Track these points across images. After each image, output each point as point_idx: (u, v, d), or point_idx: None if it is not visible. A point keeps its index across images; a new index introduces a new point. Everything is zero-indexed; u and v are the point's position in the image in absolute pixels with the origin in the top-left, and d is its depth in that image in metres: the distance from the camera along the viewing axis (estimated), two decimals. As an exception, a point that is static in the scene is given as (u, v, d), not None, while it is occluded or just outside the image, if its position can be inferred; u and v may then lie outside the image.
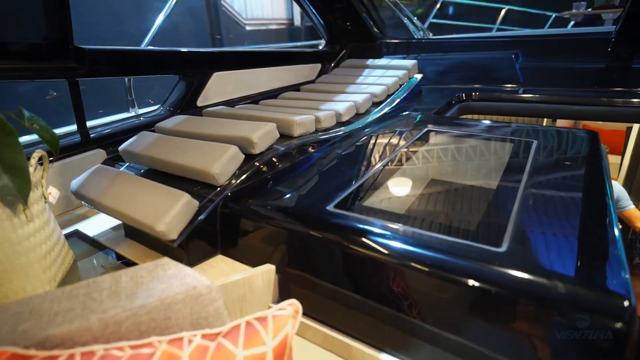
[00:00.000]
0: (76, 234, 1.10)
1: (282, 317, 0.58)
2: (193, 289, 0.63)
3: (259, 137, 1.10)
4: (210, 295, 0.64)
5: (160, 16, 2.01)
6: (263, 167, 1.09)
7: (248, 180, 1.02)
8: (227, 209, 0.97)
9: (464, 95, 2.11)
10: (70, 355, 0.50)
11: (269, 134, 1.15)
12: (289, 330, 0.57)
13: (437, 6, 5.06)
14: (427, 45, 2.58)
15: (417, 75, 2.17)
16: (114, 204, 0.93)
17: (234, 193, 0.99)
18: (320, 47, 2.61)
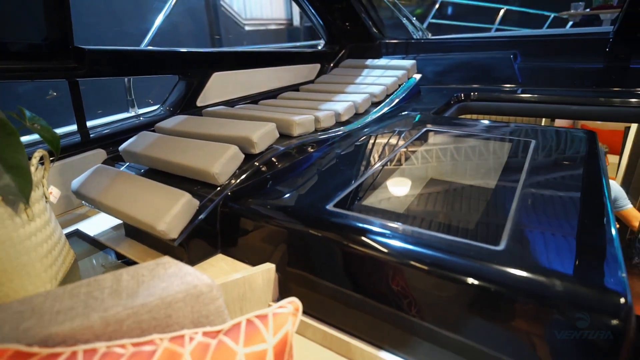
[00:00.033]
0: (77, 233, 1.10)
1: (283, 314, 0.58)
2: (194, 288, 0.63)
3: (258, 136, 1.11)
4: (211, 294, 0.65)
5: (160, 16, 2.02)
6: (263, 167, 1.09)
7: (248, 180, 1.03)
8: (227, 208, 0.97)
9: (462, 95, 2.11)
10: (73, 352, 0.50)
11: (269, 134, 1.15)
12: (289, 327, 0.58)
13: (436, 6, 5.07)
14: (426, 45, 2.58)
15: (416, 76, 2.17)
16: (115, 203, 0.94)
17: (234, 192, 0.99)
18: (320, 47, 2.62)
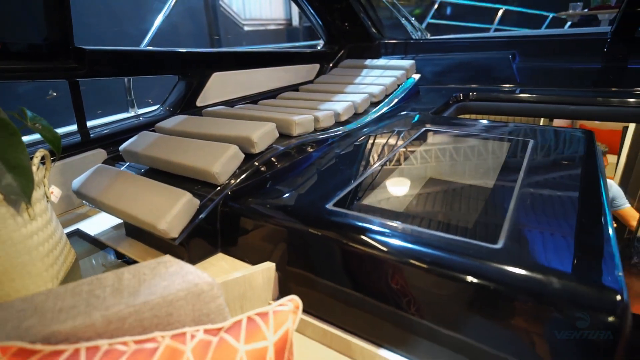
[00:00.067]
0: (77, 233, 1.10)
1: (283, 312, 0.59)
2: (195, 286, 0.64)
3: (258, 136, 1.11)
4: (211, 292, 0.65)
5: (160, 17, 2.02)
6: (263, 167, 1.10)
7: (248, 180, 1.03)
8: (227, 207, 0.98)
9: (461, 95, 2.12)
10: (76, 350, 0.50)
11: (269, 134, 1.15)
12: (289, 325, 0.58)
13: (435, 7, 5.08)
14: (425, 45, 2.59)
15: (415, 76, 2.18)
16: (116, 203, 0.94)
17: (234, 192, 1.00)
18: (319, 48, 2.62)
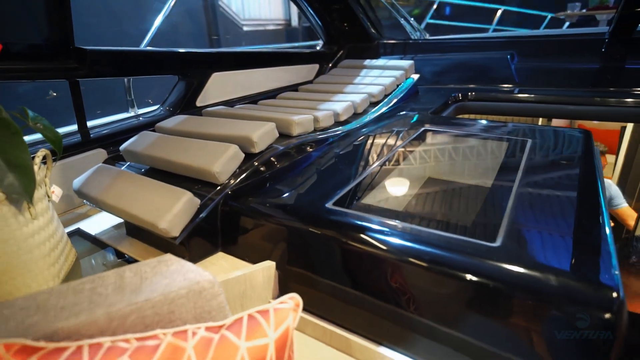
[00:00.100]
0: (78, 232, 1.11)
1: (284, 310, 0.60)
2: (196, 284, 0.64)
3: (258, 136, 1.12)
4: (212, 290, 0.66)
5: (159, 17, 2.02)
6: (263, 166, 1.10)
7: (248, 179, 1.04)
8: (227, 207, 0.98)
9: (460, 95, 2.13)
10: (79, 347, 0.51)
11: (269, 134, 1.16)
12: (290, 322, 0.59)
13: (434, 7, 5.09)
14: (424, 45, 2.60)
15: (414, 76, 2.19)
16: (117, 202, 0.95)
17: (234, 191, 1.00)
18: (318, 48, 2.63)
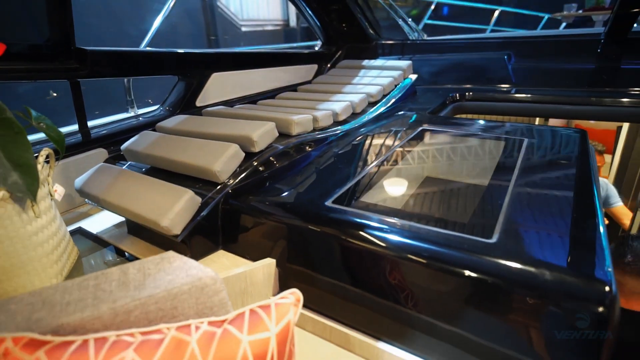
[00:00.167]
0: (79, 231, 1.12)
1: (285, 305, 0.61)
2: (198, 280, 0.65)
3: (259, 135, 1.13)
4: (215, 286, 0.67)
5: (159, 18, 2.03)
6: (263, 165, 1.11)
7: (248, 178, 1.05)
8: (228, 205, 1.00)
9: (457, 95, 2.15)
10: (84, 341, 0.52)
11: (269, 133, 1.17)
12: (291, 317, 0.60)
13: (432, 7, 5.11)
14: (422, 46, 2.61)
15: (412, 76, 2.20)
16: (118, 200, 0.96)
17: (234, 190, 1.02)
18: (317, 48, 2.64)
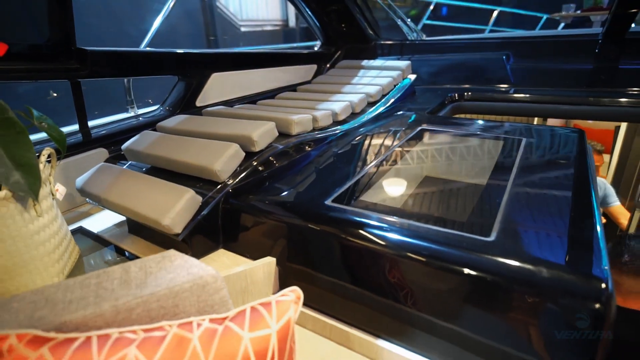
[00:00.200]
0: (80, 230, 1.12)
1: (285, 302, 0.61)
2: (200, 278, 0.66)
3: (259, 135, 1.14)
4: (215, 284, 0.68)
5: (159, 18, 2.04)
6: (263, 165, 1.12)
7: (248, 177, 1.06)
8: (228, 204, 1.00)
9: (456, 95, 2.15)
10: (87, 337, 0.53)
11: (269, 133, 1.18)
12: (291, 314, 0.61)
13: (431, 8, 5.12)
14: (421, 46, 2.62)
15: (411, 76, 2.21)
16: (120, 200, 0.96)
17: (235, 189, 1.02)
18: (316, 49, 2.65)
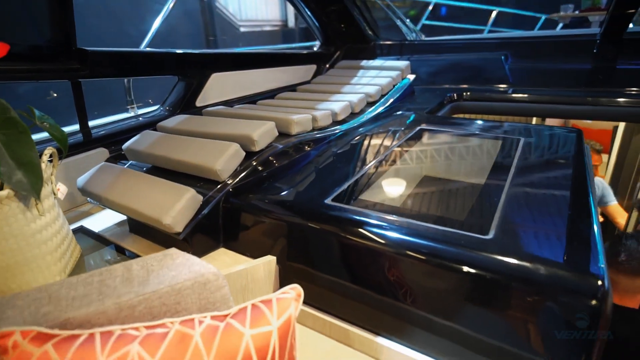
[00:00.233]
0: (81, 230, 1.13)
1: (286, 299, 0.62)
2: (201, 276, 0.67)
3: (259, 135, 1.14)
4: (217, 282, 0.68)
5: (159, 18, 2.05)
6: (263, 164, 1.13)
7: (249, 176, 1.06)
8: (229, 203, 1.01)
9: (455, 95, 2.16)
10: (91, 334, 0.53)
11: (269, 132, 1.19)
12: (292, 311, 0.62)
13: (430, 8, 5.13)
14: (420, 46, 2.63)
15: (410, 76, 2.22)
16: (121, 199, 0.97)
17: (235, 188, 1.03)
18: (316, 49, 2.66)
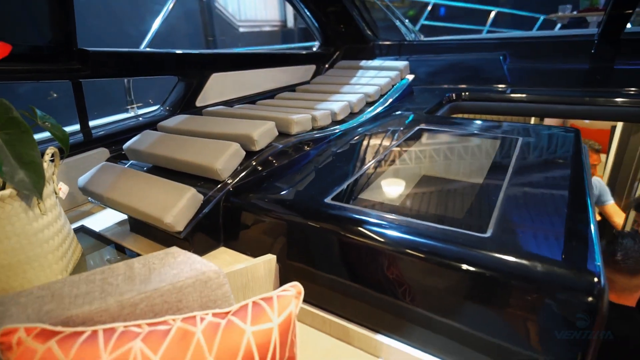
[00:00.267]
0: (82, 229, 1.13)
1: (286, 297, 0.63)
2: (202, 274, 0.67)
3: (259, 134, 1.15)
4: (218, 280, 0.69)
5: (158, 19, 2.05)
6: (263, 164, 1.13)
7: (249, 176, 1.07)
8: (229, 203, 1.01)
9: (454, 95, 2.17)
10: (94, 331, 0.54)
11: (269, 132, 1.19)
12: (292, 309, 0.62)
13: (429, 8, 5.14)
14: (419, 46, 2.64)
15: (409, 76, 2.23)
16: (122, 198, 0.97)
17: (235, 188, 1.03)
18: (315, 49, 2.66)
